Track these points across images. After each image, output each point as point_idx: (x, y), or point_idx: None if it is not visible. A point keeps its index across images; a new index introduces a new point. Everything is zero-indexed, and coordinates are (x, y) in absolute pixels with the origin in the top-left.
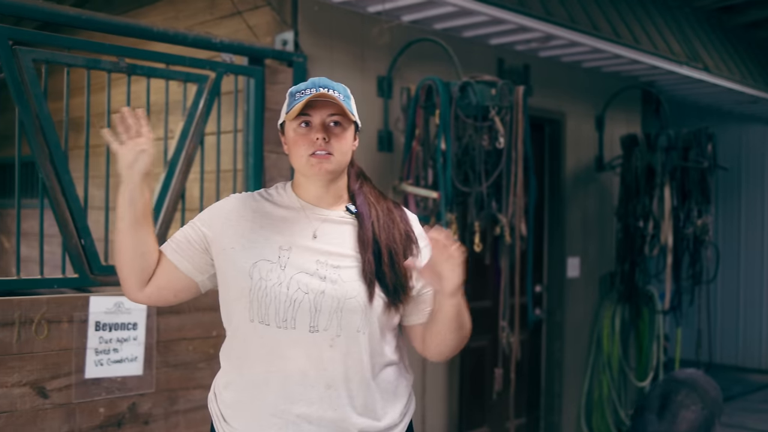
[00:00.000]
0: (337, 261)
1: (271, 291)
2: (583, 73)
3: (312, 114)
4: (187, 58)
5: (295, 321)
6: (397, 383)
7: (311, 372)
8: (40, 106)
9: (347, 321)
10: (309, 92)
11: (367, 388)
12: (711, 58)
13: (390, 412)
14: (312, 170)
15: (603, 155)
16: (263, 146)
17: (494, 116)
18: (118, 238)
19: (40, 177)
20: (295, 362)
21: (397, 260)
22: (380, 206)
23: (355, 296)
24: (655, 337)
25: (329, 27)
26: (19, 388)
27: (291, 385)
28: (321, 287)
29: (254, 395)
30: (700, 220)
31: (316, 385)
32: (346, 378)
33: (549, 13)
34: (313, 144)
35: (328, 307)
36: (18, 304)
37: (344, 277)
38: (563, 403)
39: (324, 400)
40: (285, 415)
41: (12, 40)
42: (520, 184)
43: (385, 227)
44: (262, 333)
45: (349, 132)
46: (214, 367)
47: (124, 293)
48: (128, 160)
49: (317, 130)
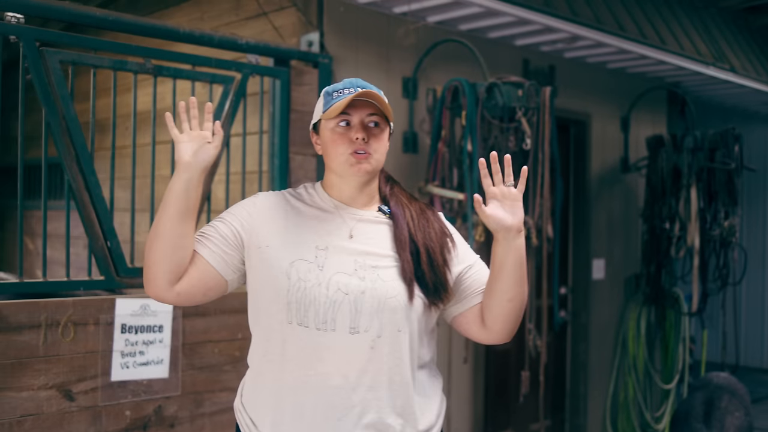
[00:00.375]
0: (375, 261)
1: (311, 292)
2: (608, 74)
3: (351, 113)
4: (213, 60)
5: (335, 322)
6: (431, 384)
7: (352, 375)
8: (67, 108)
9: (388, 321)
10: (348, 91)
11: (407, 389)
12: (737, 59)
13: (426, 413)
14: (351, 170)
15: (628, 156)
16: (289, 147)
17: (521, 117)
18: (159, 229)
19: (66, 179)
20: (335, 365)
21: (435, 259)
22: (413, 207)
23: (396, 295)
24: (681, 340)
25: (355, 28)
26: (46, 390)
27: (331, 389)
28: (361, 287)
29: (292, 400)
30: (727, 221)
31: (357, 388)
32: (388, 379)
33: (575, 13)
34: (353, 143)
35: (368, 307)
36: (44, 306)
37: (384, 277)
38: (588, 406)
39: (365, 402)
40: (325, 420)
41: (39, 41)
42: (546, 185)
43: (421, 227)
44: (300, 335)
45: (386, 133)
46: (240, 370)
47: (152, 293)
48: (192, 148)
49: (357, 129)
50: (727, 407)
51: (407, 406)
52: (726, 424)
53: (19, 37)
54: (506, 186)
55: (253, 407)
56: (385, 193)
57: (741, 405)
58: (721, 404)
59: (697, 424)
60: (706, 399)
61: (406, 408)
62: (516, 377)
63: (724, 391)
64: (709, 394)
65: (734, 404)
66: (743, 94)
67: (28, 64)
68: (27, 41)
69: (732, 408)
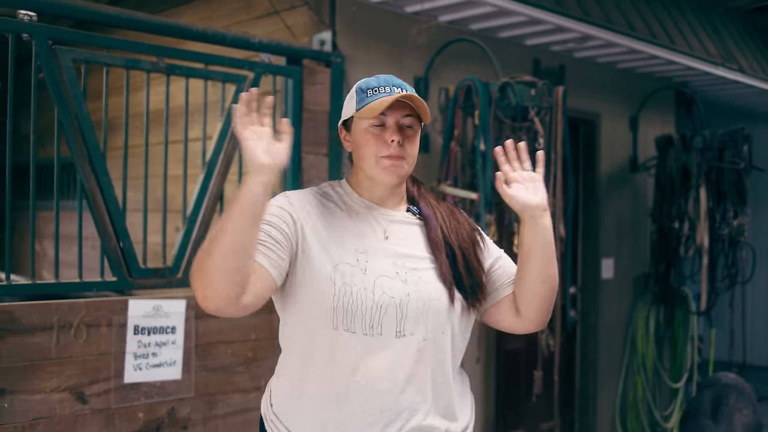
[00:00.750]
0: (413, 263)
1: (358, 297)
2: (618, 74)
3: (387, 114)
4: (225, 58)
5: (382, 327)
6: (463, 383)
7: (400, 378)
8: (80, 107)
9: (433, 323)
10: (384, 90)
11: (449, 390)
12: (745, 59)
13: (464, 411)
14: (384, 173)
15: (637, 156)
16: (301, 147)
17: (534, 117)
18: (229, 238)
19: (79, 179)
20: (382, 370)
21: (470, 260)
22: (442, 208)
23: (439, 297)
24: (689, 338)
25: (367, 27)
26: (58, 393)
27: (380, 394)
28: (405, 290)
29: (338, 408)
30: (736, 221)
31: (405, 392)
32: (432, 381)
33: (586, 13)
34: (387, 146)
35: (414, 310)
36: (57, 307)
37: (425, 279)
38: (598, 405)
39: (413, 405)
40: (372, 425)
41: (51, 39)
42: (559, 185)
43: (453, 228)
44: (347, 342)
45: (419, 134)
46: (253, 371)
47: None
48: (263, 147)
49: (392, 131)
50: (735, 405)
51: (449, 407)
52: (734, 421)
53: (32, 35)
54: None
55: (291, 416)
56: (413, 194)
57: (749, 403)
58: (729, 402)
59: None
60: (714, 396)
61: (448, 408)
62: (527, 377)
63: (732, 390)
64: (718, 392)
65: (742, 402)
66: (751, 94)
67: (41, 62)
68: (40, 39)
69: (740, 406)
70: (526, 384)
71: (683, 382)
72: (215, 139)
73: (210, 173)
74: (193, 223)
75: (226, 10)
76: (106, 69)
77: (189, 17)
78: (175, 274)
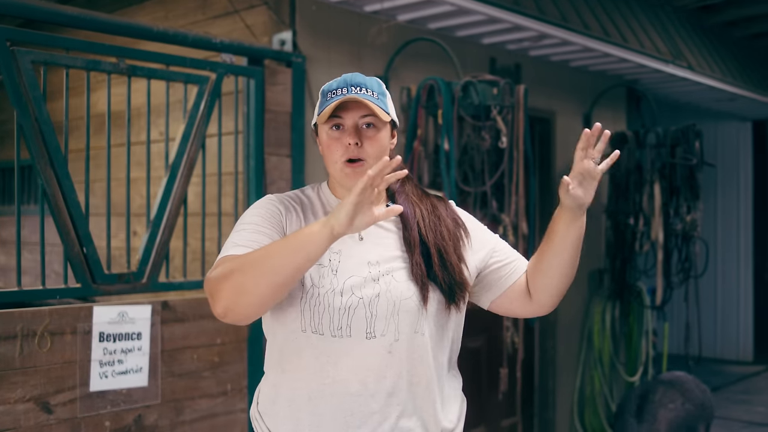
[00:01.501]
0: (387, 263)
1: (324, 299)
2: (571, 72)
3: (344, 116)
4: (187, 59)
5: (351, 329)
6: (451, 385)
7: (370, 381)
8: (40, 110)
9: (404, 323)
10: (340, 92)
11: (428, 392)
12: (693, 57)
13: (448, 414)
14: (347, 178)
15: None
16: (264, 149)
17: (496, 116)
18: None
19: (40, 183)
20: (352, 372)
21: (448, 258)
22: (424, 205)
23: (411, 296)
24: (643, 333)
25: (326, 27)
26: (23, 404)
27: (350, 397)
28: (375, 291)
29: (310, 410)
30: (689, 216)
31: (376, 395)
32: (408, 383)
33: (542, 11)
34: (346, 150)
35: (383, 310)
36: (20, 316)
37: (397, 278)
38: (557, 400)
39: (385, 408)
40: (344, 427)
41: (9, 40)
42: (521, 183)
43: (432, 226)
44: (315, 344)
45: (384, 132)
46: (219, 376)
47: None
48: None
49: (349, 134)
50: (661, 400)
51: (428, 409)
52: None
53: None
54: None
55: (270, 417)
56: (395, 190)
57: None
58: (654, 398)
59: (630, 418)
60: (641, 393)
61: (427, 411)
62: (489, 374)
63: (660, 384)
64: (645, 388)
65: (669, 396)
66: (698, 91)
67: None
68: None
69: (666, 400)
70: (488, 381)
71: (638, 375)
72: (178, 141)
73: (173, 176)
74: (157, 227)
75: (181, 10)
76: (67, 71)
77: (143, 17)
78: (139, 279)
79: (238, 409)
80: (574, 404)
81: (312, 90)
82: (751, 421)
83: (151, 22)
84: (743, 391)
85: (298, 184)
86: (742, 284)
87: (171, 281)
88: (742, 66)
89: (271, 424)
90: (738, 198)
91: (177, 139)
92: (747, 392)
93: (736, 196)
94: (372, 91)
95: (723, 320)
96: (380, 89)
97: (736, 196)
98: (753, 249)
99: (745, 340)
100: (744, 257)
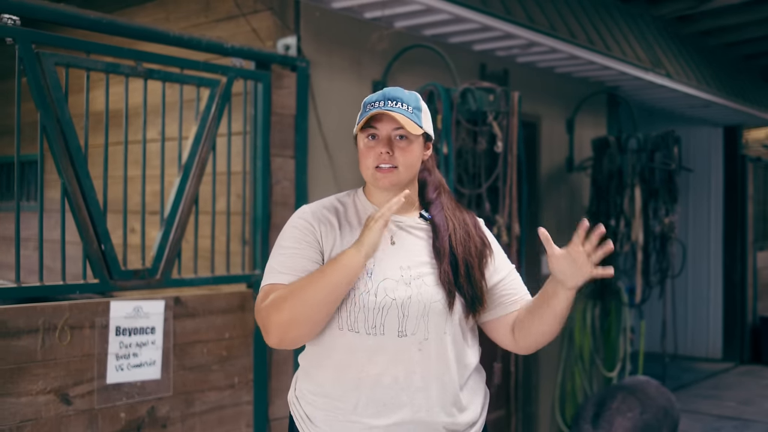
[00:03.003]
0: (418, 267)
1: (360, 299)
2: (556, 78)
3: (378, 127)
4: (201, 63)
5: (384, 327)
6: (476, 380)
7: (401, 375)
8: (62, 110)
9: (434, 324)
10: (378, 105)
11: (454, 387)
12: (671, 65)
13: (472, 407)
14: (378, 183)
15: (573, 157)
16: (270, 150)
17: (492, 121)
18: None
19: (62, 181)
20: (385, 367)
21: (473, 273)
22: (457, 219)
23: (439, 300)
24: (621, 330)
25: (329, 32)
26: (44, 395)
27: (382, 389)
28: (407, 293)
29: (345, 400)
30: (667, 218)
31: (406, 389)
32: (436, 379)
33: (532, 20)
34: (378, 157)
35: (415, 311)
36: (42, 310)
37: (427, 282)
38: (539, 395)
39: (414, 402)
40: (375, 416)
41: (35, 43)
42: (515, 185)
43: (462, 241)
44: (351, 340)
45: (416, 144)
46: (227, 369)
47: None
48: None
49: (382, 143)
50: (619, 407)
51: (455, 403)
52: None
53: (15, 39)
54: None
55: (307, 402)
56: (430, 200)
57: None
58: (612, 405)
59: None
60: (598, 400)
61: (454, 405)
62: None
63: (619, 391)
64: (604, 394)
65: (628, 404)
66: (674, 98)
67: (24, 66)
68: (23, 43)
69: (624, 408)
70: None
71: (617, 371)
72: (190, 142)
73: (186, 176)
74: (170, 225)
75: (182, 12)
76: (87, 73)
77: (143, 18)
78: (154, 275)
79: (244, 401)
80: (556, 399)
81: (315, 93)
82: (721, 415)
83: (152, 23)
84: (713, 386)
85: (302, 184)
86: (712, 284)
87: (183, 278)
88: (716, 74)
89: (308, 410)
90: (709, 201)
91: (189, 140)
92: (717, 388)
93: (707, 200)
94: (408, 106)
95: (694, 319)
96: (416, 104)
97: (707, 200)
98: (723, 250)
99: (714, 337)
100: (714, 258)
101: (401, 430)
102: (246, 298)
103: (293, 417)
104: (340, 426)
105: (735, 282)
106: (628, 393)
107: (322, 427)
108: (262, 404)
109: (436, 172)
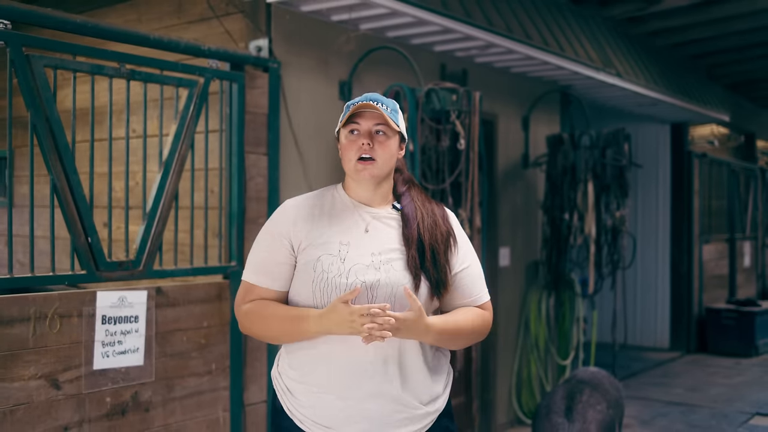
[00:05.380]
0: (388, 253)
1: (332, 281)
2: (512, 78)
3: (360, 123)
4: (179, 64)
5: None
6: (439, 359)
7: (370, 352)
8: (51, 110)
9: (400, 305)
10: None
11: (417, 364)
12: (621, 64)
13: (435, 384)
14: (359, 174)
15: (528, 153)
16: (244, 147)
17: (455, 120)
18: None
19: (51, 177)
20: (354, 344)
21: (439, 259)
22: (426, 209)
23: (406, 283)
24: (575, 320)
25: (299, 35)
26: (35, 380)
27: (352, 365)
28: (376, 276)
29: (320, 372)
30: (618, 212)
31: (374, 361)
32: (399, 355)
33: (490, 23)
34: (360, 149)
35: (383, 293)
36: (33, 300)
37: (396, 267)
38: (497, 382)
39: (381, 373)
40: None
41: (25, 46)
42: (476, 181)
43: (429, 228)
44: None
45: (393, 141)
46: (206, 356)
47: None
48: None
49: (364, 136)
50: (589, 401)
51: (418, 379)
52: (588, 418)
53: (7, 42)
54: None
55: (288, 377)
56: (401, 193)
57: (602, 399)
58: (582, 398)
59: (558, 418)
60: (567, 393)
61: (418, 378)
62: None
63: (585, 385)
64: (571, 388)
65: (596, 398)
66: (624, 96)
67: (15, 69)
68: (14, 47)
69: (593, 401)
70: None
71: (570, 359)
72: (170, 140)
73: (166, 173)
74: (152, 219)
75: (154, 14)
76: (74, 74)
77: (113, 19)
78: (137, 266)
79: (221, 387)
80: (512, 386)
81: (285, 93)
82: (669, 401)
83: (123, 24)
84: (662, 375)
85: (274, 180)
86: (660, 276)
87: (164, 269)
88: (663, 73)
89: (289, 383)
90: (657, 196)
91: (169, 138)
92: (665, 376)
93: (655, 194)
94: (386, 107)
95: (642, 310)
96: (394, 107)
97: (656, 194)
98: (670, 243)
99: (662, 328)
100: (662, 251)
101: (370, 403)
102: (223, 288)
103: (276, 391)
104: (315, 398)
105: (682, 274)
106: (592, 387)
107: (301, 399)
108: (237, 389)
109: (405, 170)
